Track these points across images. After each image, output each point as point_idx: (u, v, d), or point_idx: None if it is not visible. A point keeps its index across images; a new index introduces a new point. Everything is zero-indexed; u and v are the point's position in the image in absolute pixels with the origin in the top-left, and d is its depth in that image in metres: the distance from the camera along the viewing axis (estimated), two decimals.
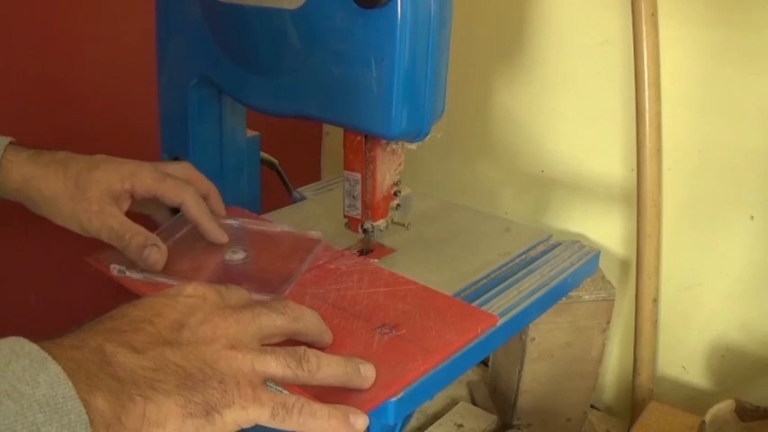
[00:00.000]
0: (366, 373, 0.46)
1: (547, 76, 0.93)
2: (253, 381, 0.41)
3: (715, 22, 0.78)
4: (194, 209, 0.64)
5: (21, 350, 0.35)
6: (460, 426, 0.81)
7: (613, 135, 0.89)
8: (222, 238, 0.65)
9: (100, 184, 0.61)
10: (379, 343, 0.52)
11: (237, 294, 0.47)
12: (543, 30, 0.92)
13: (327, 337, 0.50)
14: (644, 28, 0.80)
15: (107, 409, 0.36)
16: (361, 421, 0.43)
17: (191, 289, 0.45)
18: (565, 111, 0.93)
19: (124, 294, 0.56)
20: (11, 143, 0.62)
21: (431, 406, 0.86)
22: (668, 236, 0.87)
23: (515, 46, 0.94)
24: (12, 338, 0.35)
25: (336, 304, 0.57)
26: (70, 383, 0.34)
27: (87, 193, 0.60)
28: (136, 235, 0.60)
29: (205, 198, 0.67)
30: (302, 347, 0.45)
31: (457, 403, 0.85)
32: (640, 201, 0.85)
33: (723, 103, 0.80)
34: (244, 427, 0.41)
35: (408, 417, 0.75)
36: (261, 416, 0.41)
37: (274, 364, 0.43)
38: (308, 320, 0.48)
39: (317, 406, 0.42)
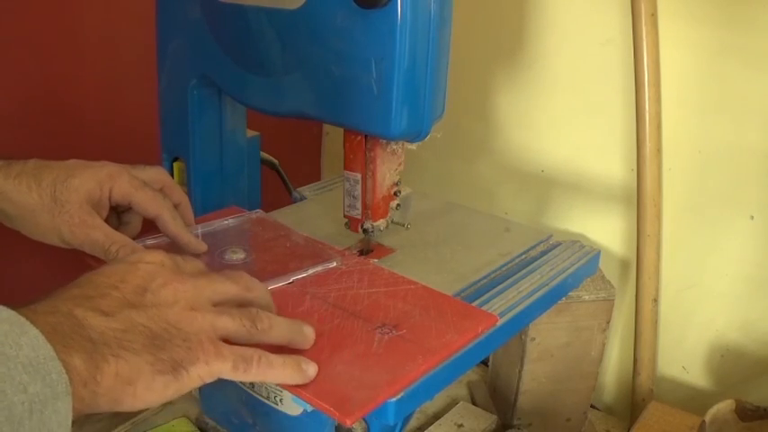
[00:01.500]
0: (307, 333, 0.50)
1: (547, 76, 0.93)
2: (212, 338, 0.45)
3: (715, 22, 0.78)
4: (170, 223, 0.62)
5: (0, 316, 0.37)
6: (460, 426, 0.81)
7: (613, 135, 0.89)
8: (201, 247, 0.64)
9: (78, 192, 0.58)
10: (380, 343, 0.52)
11: (192, 264, 0.50)
12: (543, 30, 0.92)
13: (274, 310, 0.52)
14: (644, 28, 0.80)
15: (83, 369, 0.38)
16: (312, 369, 0.48)
17: (149, 256, 0.47)
18: (565, 111, 0.93)
19: None
20: None
21: (431, 406, 0.86)
22: (668, 236, 0.87)
23: (515, 46, 0.94)
24: None
25: (336, 304, 0.57)
26: (49, 345, 0.37)
27: (66, 206, 0.58)
28: (122, 247, 0.58)
29: (176, 206, 0.65)
30: (254, 308, 0.48)
31: (457, 403, 0.85)
32: (640, 201, 0.85)
33: (723, 103, 0.80)
34: (207, 381, 0.44)
35: (408, 417, 0.75)
36: (223, 369, 0.44)
37: (231, 323, 0.46)
38: (259, 292, 0.51)
39: (272, 357, 0.46)
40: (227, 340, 0.46)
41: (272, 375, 0.47)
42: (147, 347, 0.42)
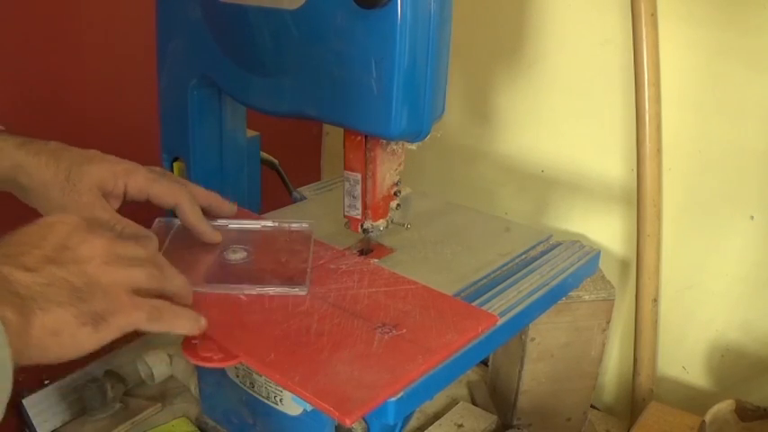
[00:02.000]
0: (190, 292, 0.54)
1: (547, 76, 0.93)
2: (128, 291, 0.48)
3: (715, 22, 0.78)
4: (189, 212, 0.63)
5: None
6: (460, 426, 0.81)
7: (613, 135, 0.89)
8: (216, 237, 0.65)
9: (91, 177, 0.61)
10: (380, 343, 0.52)
11: (102, 223, 0.54)
12: (543, 30, 0.92)
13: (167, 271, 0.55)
14: (644, 28, 0.80)
15: (15, 321, 0.40)
16: (203, 321, 0.52)
17: (66, 218, 0.50)
18: (565, 111, 0.93)
19: None
20: (0, 131, 0.61)
21: (431, 406, 0.86)
22: (668, 236, 0.87)
23: (515, 46, 0.94)
24: None
25: (337, 304, 0.57)
26: None
27: (77, 186, 0.60)
28: (127, 225, 0.60)
29: (207, 207, 0.67)
30: (159, 260, 0.52)
31: (457, 403, 0.85)
32: (640, 201, 0.85)
33: (723, 103, 0.80)
34: (126, 331, 0.47)
35: (408, 417, 0.75)
36: (140, 319, 0.48)
37: (143, 276, 0.50)
38: (161, 259, 0.54)
39: (176, 307, 0.51)
40: (139, 294, 0.49)
41: (179, 324, 0.51)
42: (71, 300, 0.44)
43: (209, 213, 0.67)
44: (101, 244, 0.48)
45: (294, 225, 0.70)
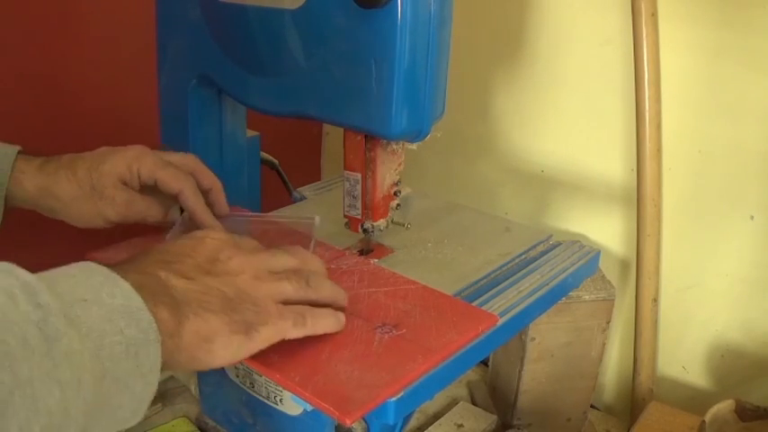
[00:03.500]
0: (344, 294, 0.55)
1: (547, 76, 0.93)
2: (276, 302, 0.49)
3: (715, 23, 0.78)
4: (191, 199, 0.65)
5: (94, 269, 0.40)
6: (460, 426, 0.81)
7: (613, 135, 0.89)
8: (217, 228, 0.66)
9: (111, 176, 0.63)
10: (380, 342, 0.52)
11: (250, 242, 0.54)
12: (543, 30, 0.92)
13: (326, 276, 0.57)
14: (644, 28, 0.80)
15: (170, 321, 0.42)
16: (342, 316, 0.53)
17: (213, 233, 0.52)
18: (565, 111, 0.93)
19: None
20: (19, 152, 0.63)
21: (431, 406, 0.86)
22: (668, 236, 0.87)
23: (515, 46, 0.94)
24: (81, 262, 0.41)
25: None
26: (140, 297, 0.40)
27: (105, 191, 0.62)
28: (174, 208, 0.65)
29: (207, 192, 0.67)
30: (305, 272, 0.53)
31: (457, 403, 0.85)
32: (640, 201, 0.85)
33: (723, 103, 0.80)
34: (274, 341, 0.48)
35: (408, 417, 0.75)
36: (286, 328, 0.49)
37: (291, 288, 0.51)
38: (314, 264, 0.55)
39: (316, 310, 0.51)
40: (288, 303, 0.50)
41: (321, 326, 0.51)
42: (224, 309, 0.46)
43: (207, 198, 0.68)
44: (248, 259, 0.50)
45: (302, 220, 0.70)
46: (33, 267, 0.40)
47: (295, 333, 0.49)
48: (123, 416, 0.40)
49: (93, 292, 0.39)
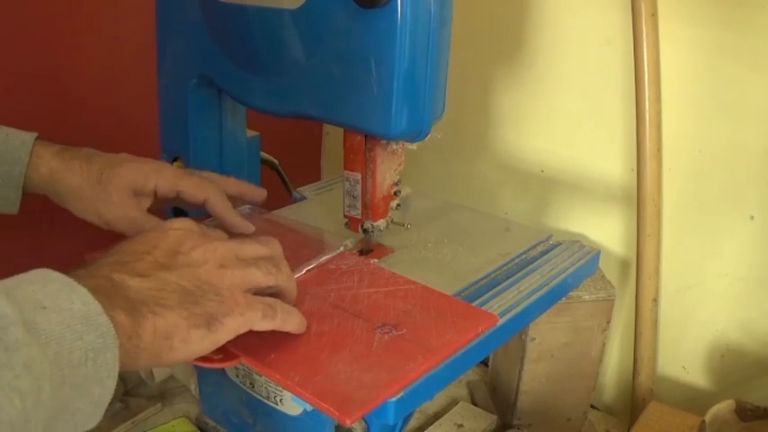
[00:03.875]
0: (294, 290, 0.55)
1: (547, 77, 0.93)
2: (243, 291, 0.49)
3: (715, 22, 0.78)
4: (218, 204, 0.65)
5: (50, 276, 0.40)
6: (460, 426, 0.81)
7: (613, 135, 0.89)
8: (249, 228, 0.66)
9: (122, 179, 0.63)
10: (380, 343, 0.52)
11: (219, 232, 0.54)
12: (543, 30, 0.92)
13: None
14: (644, 28, 0.80)
15: (127, 324, 0.42)
16: (305, 323, 0.52)
17: (178, 223, 0.51)
18: (565, 111, 0.93)
19: None
20: (37, 138, 0.63)
21: (431, 406, 0.86)
22: (668, 236, 0.87)
23: (515, 46, 0.94)
24: (38, 269, 0.41)
25: (336, 304, 0.57)
26: (97, 302, 0.40)
27: (109, 187, 0.62)
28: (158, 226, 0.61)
29: (235, 199, 0.68)
30: (276, 259, 0.53)
31: (457, 403, 0.85)
32: (640, 201, 0.85)
33: (723, 103, 0.80)
34: (241, 332, 0.47)
35: (408, 417, 0.75)
36: (254, 318, 0.48)
37: (259, 274, 0.50)
38: (277, 249, 0.55)
39: (288, 306, 0.51)
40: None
41: (290, 322, 0.51)
42: (182, 303, 0.45)
43: (241, 201, 0.69)
44: (213, 247, 0.50)
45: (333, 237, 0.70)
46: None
47: (264, 325, 0.49)
48: (81, 420, 0.40)
49: (51, 298, 0.39)
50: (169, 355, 0.44)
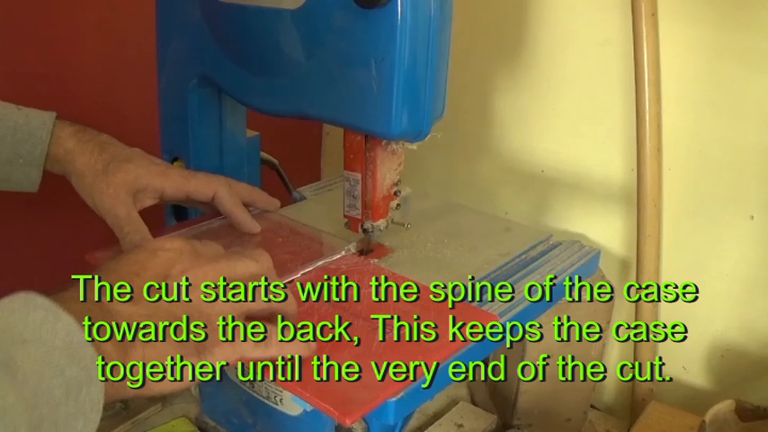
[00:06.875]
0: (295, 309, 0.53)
1: (547, 77, 0.93)
2: (234, 318, 0.47)
3: (715, 22, 0.78)
4: (227, 199, 0.65)
5: (35, 302, 0.38)
6: (460, 426, 0.81)
7: (613, 135, 0.89)
8: (255, 227, 0.66)
9: (127, 174, 0.63)
10: (380, 343, 0.52)
11: (212, 247, 0.51)
12: (543, 30, 0.92)
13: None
14: (644, 28, 0.80)
15: (113, 352, 0.40)
16: (314, 345, 0.50)
17: (168, 244, 0.48)
18: (565, 111, 0.93)
19: None
20: (57, 118, 0.64)
21: (431, 406, 0.86)
22: (668, 236, 0.87)
23: (515, 46, 0.94)
24: (22, 293, 0.39)
25: (336, 304, 0.57)
26: (82, 332, 0.38)
27: (109, 177, 0.62)
28: (134, 232, 0.61)
29: (248, 204, 0.68)
30: (262, 272, 0.50)
31: (457, 403, 0.85)
32: (640, 201, 0.85)
33: (723, 103, 0.80)
34: (232, 361, 0.46)
35: (408, 417, 0.75)
36: (246, 348, 0.46)
37: (252, 299, 0.48)
38: (267, 263, 0.52)
39: (288, 332, 0.49)
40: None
41: (288, 348, 0.48)
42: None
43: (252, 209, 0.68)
44: (204, 271, 0.47)
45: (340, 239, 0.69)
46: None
47: (257, 354, 0.47)
48: None
49: (33, 330, 0.37)
50: (157, 385, 0.43)
